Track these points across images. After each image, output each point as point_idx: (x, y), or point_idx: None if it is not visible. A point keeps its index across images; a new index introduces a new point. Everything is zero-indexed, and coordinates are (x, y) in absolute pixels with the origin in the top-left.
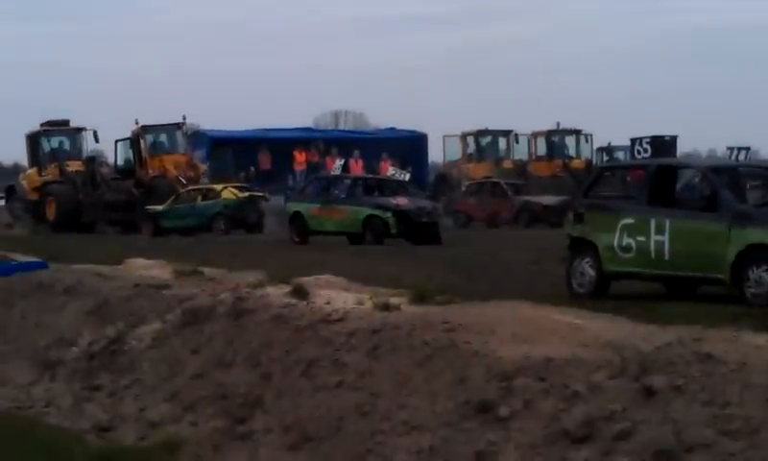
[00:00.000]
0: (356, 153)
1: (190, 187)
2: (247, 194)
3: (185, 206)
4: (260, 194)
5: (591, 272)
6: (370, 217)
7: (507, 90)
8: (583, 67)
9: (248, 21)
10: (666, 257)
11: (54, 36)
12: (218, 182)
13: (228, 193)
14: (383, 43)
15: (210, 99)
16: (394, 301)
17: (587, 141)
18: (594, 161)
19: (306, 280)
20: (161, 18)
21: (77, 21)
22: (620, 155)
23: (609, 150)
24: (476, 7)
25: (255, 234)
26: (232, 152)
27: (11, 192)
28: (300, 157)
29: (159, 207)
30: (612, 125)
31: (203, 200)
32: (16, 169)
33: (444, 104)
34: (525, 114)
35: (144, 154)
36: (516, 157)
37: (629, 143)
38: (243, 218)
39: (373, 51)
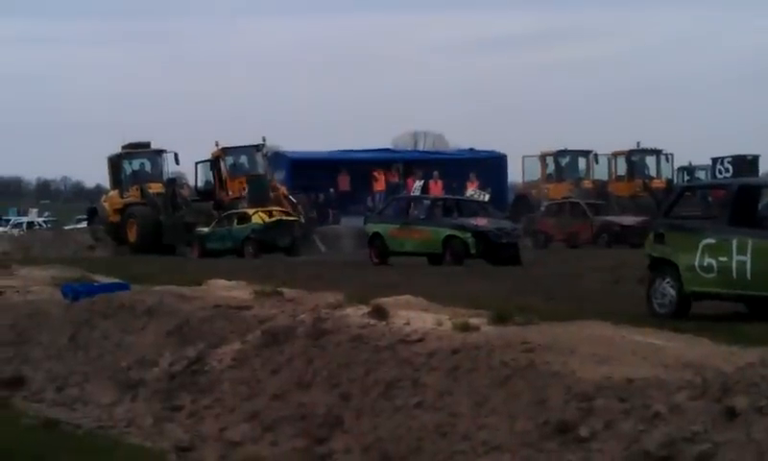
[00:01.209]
0: (435, 173)
1: (230, 211)
2: (275, 218)
3: (224, 230)
4: (292, 218)
5: (672, 292)
6: (449, 238)
7: (587, 110)
8: (664, 87)
9: (327, 46)
10: (748, 278)
11: (135, 59)
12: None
13: (258, 217)
14: (462, 65)
15: (290, 121)
16: (473, 321)
17: (667, 161)
18: (675, 181)
19: (386, 301)
20: (242, 42)
21: (159, 44)
22: (701, 174)
23: (690, 170)
24: (555, 28)
25: (293, 258)
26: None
27: (92, 214)
28: (379, 178)
29: (206, 229)
30: (693, 144)
31: (237, 224)
32: (98, 191)
33: (524, 124)
34: (605, 134)
35: (224, 175)
36: (596, 177)
37: (710, 163)
38: (272, 242)
39: (453, 72)
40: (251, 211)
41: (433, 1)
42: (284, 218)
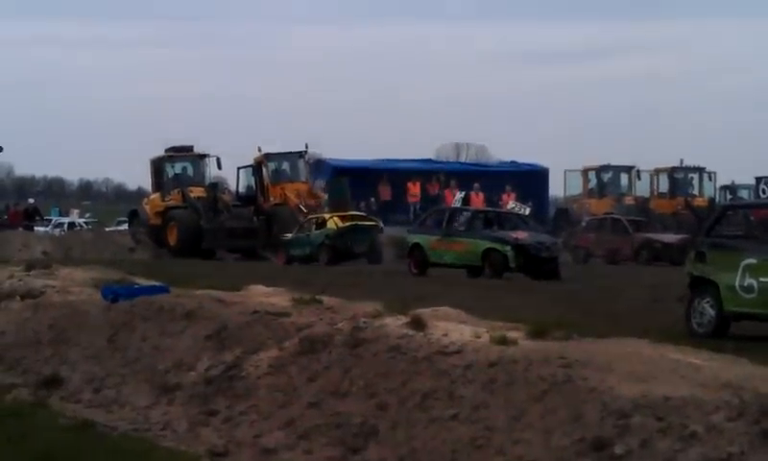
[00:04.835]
0: (476, 186)
1: (311, 216)
2: (348, 224)
3: (303, 236)
4: (370, 223)
5: (711, 312)
6: (489, 250)
7: (631, 126)
8: (708, 105)
9: (371, 54)
10: None
11: (182, 62)
12: (333, 211)
13: (332, 223)
14: (507, 77)
15: (334, 128)
16: (511, 335)
17: (710, 179)
18: (717, 200)
19: (424, 312)
20: (286, 47)
21: (205, 48)
22: (744, 193)
23: (732, 188)
24: (600, 44)
25: (372, 265)
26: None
27: (133, 216)
28: (413, 189)
29: (289, 236)
30: (736, 163)
31: (316, 229)
32: (140, 194)
33: (567, 138)
34: (648, 151)
35: (266, 181)
36: (638, 193)
37: (753, 182)
38: (346, 248)
39: (497, 84)
40: (327, 216)
41: (482, 12)
42: (360, 223)
